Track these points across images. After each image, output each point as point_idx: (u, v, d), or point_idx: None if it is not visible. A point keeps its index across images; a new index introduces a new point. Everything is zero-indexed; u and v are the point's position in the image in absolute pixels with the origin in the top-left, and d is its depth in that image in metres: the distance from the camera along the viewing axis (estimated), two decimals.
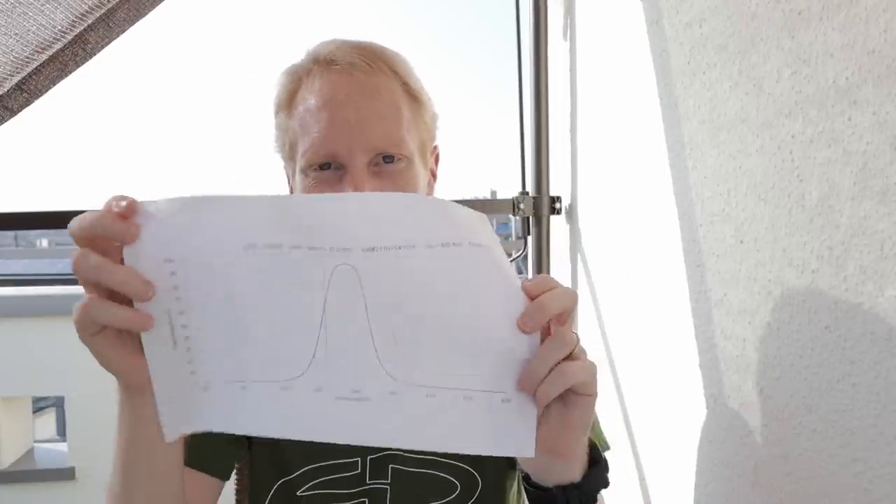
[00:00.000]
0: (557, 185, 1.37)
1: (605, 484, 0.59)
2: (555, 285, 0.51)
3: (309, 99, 0.70)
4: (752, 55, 0.70)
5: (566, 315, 0.51)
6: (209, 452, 0.73)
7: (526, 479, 0.59)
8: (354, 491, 0.76)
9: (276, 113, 0.75)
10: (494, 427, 0.51)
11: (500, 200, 1.43)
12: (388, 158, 0.69)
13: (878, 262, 0.56)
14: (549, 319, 0.50)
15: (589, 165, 1.26)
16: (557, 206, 1.36)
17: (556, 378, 0.49)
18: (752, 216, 0.72)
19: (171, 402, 0.50)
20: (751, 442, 0.74)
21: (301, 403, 0.50)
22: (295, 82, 0.72)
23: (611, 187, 1.16)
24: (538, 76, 1.33)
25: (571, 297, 0.51)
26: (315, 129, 0.68)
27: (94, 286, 0.46)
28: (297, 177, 0.71)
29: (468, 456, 0.77)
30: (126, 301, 0.47)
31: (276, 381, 0.50)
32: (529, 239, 1.38)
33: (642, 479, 1.03)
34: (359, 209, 0.48)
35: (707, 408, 0.83)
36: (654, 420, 1.00)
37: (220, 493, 0.76)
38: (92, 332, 0.47)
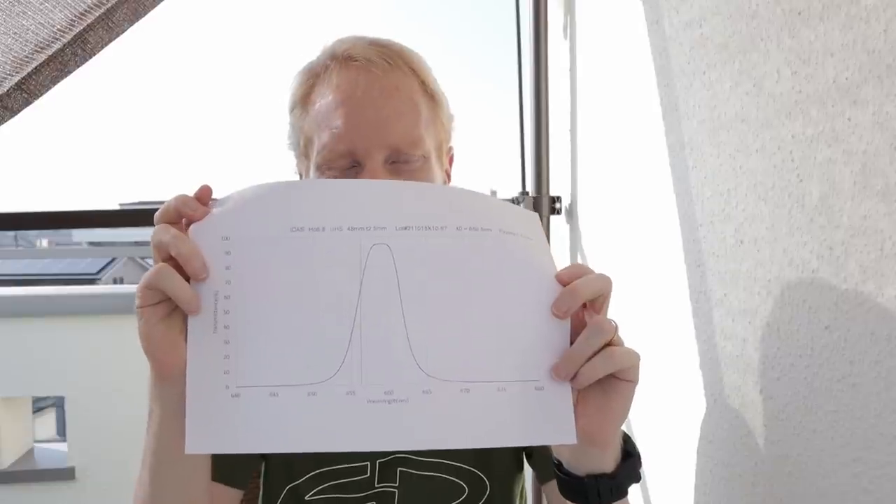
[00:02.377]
0: (557, 185, 1.37)
1: (637, 478, 0.59)
2: (589, 271, 0.52)
3: (326, 95, 0.69)
4: (753, 55, 0.70)
5: (602, 301, 0.52)
6: (229, 464, 0.73)
7: (558, 466, 0.59)
8: (363, 495, 0.76)
9: (291, 110, 0.74)
10: (531, 416, 0.51)
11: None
12: (404, 158, 0.68)
13: (878, 261, 0.56)
14: (581, 304, 0.51)
15: (589, 165, 1.26)
16: (557, 206, 1.36)
17: (601, 361, 0.50)
18: (752, 216, 0.72)
19: (200, 406, 0.49)
20: (751, 442, 0.74)
21: (331, 411, 0.49)
22: (311, 80, 0.72)
23: (611, 187, 1.16)
24: (538, 76, 1.33)
25: (605, 282, 0.52)
26: (332, 126, 0.68)
27: (166, 258, 0.50)
28: (312, 174, 0.71)
29: (476, 459, 0.77)
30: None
31: (306, 384, 0.49)
32: None
33: (642, 480, 1.03)
34: (395, 192, 0.51)
35: (707, 408, 0.83)
36: (654, 420, 1.00)
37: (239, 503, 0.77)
38: (151, 301, 0.49)
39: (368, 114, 0.67)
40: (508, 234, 0.51)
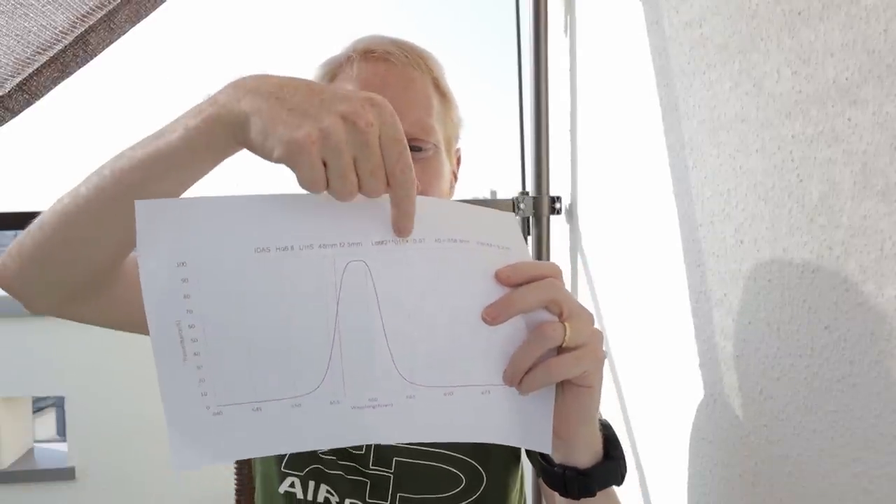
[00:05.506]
0: (557, 185, 1.37)
1: (617, 482, 0.59)
2: (535, 274, 0.50)
3: (345, 85, 0.72)
4: (753, 55, 0.70)
5: (556, 305, 0.50)
6: None
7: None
8: (357, 479, 0.77)
9: None
10: (512, 420, 0.51)
11: (500, 200, 1.43)
12: (417, 146, 0.71)
13: (878, 261, 0.56)
14: (518, 314, 0.49)
15: (589, 165, 1.26)
16: (557, 206, 1.36)
17: (540, 372, 0.49)
18: (753, 216, 0.72)
19: (182, 427, 0.48)
20: (751, 442, 0.74)
21: (317, 418, 0.49)
22: (331, 72, 0.75)
23: (611, 187, 1.16)
24: (538, 76, 1.33)
25: (546, 290, 0.49)
26: None
27: None
28: None
29: (474, 450, 0.79)
30: None
31: (289, 398, 0.49)
32: (529, 239, 1.38)
33: (642, 480, 1.03)
34: (369, 206, 0.48)
35: (707, 408, 0.83)
36: (654, 420, 1.00)
37: None
38: None
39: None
40: (486, 245, 0.50)
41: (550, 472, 0.58)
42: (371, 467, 0.77)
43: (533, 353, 0.49)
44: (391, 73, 0.72)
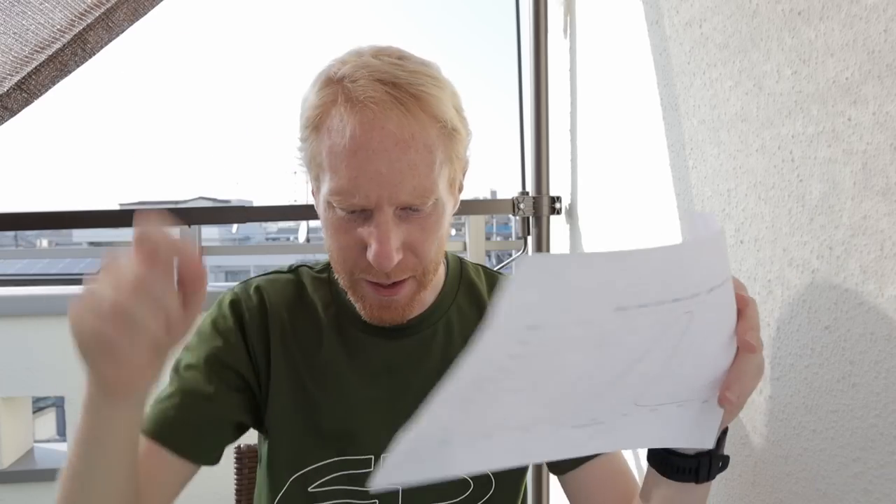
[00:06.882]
0: (557, 185, 1.37)
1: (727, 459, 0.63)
2: (755, 317, 0.53)
3: (337, 134, 0.66)
4: (753, 54, 0.70)
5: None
6: (187, 434, 0.71)
7: (668, 450, 0.62)
8: (367, 490, 0.76)
9: (304, 127, 0.70)
10: (693, 425, 0.54)
11: (500, 200, 1.43)
12: (415, 208, 0.67)
13: (878, 261, 0.56)
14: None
15: (589, 165, 1.26)
16: (557, 206, 1.36)
17: (751, 383, 0.54)
18: (753, 215, 0.72)
19: (407, 452, 0.46)
20: (751, 442, 0.74)
21: (538, 438, 0.50)
22: (322, 107, 0.68)
23: (611, 187, 1.15)
24: (538, 76, 1.33)
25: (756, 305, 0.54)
26: (344, 174, 0.65)
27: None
28: (322, 203, 0.70)
29: None
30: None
31: (517, 427, 0.49)
32: (529, 239, 1.38)
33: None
34: (700, 253, 0.44)
35: None
36: None
37: (191, 479, 0.73)
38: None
39: (381, 168, 0.64)
40: (726, 282, 0.48)
41: (680, 465, 0.60)
42: None
43: (750, 378, 0.53)
44: (387, 135, 0.64)
